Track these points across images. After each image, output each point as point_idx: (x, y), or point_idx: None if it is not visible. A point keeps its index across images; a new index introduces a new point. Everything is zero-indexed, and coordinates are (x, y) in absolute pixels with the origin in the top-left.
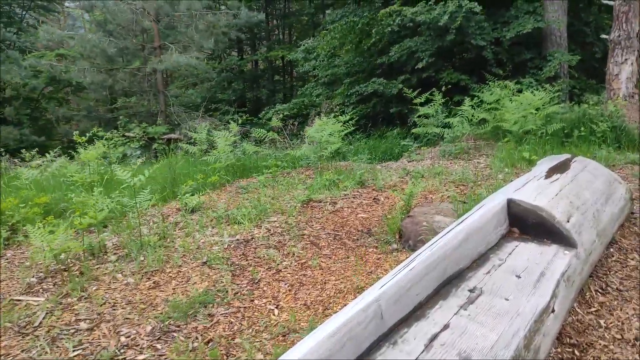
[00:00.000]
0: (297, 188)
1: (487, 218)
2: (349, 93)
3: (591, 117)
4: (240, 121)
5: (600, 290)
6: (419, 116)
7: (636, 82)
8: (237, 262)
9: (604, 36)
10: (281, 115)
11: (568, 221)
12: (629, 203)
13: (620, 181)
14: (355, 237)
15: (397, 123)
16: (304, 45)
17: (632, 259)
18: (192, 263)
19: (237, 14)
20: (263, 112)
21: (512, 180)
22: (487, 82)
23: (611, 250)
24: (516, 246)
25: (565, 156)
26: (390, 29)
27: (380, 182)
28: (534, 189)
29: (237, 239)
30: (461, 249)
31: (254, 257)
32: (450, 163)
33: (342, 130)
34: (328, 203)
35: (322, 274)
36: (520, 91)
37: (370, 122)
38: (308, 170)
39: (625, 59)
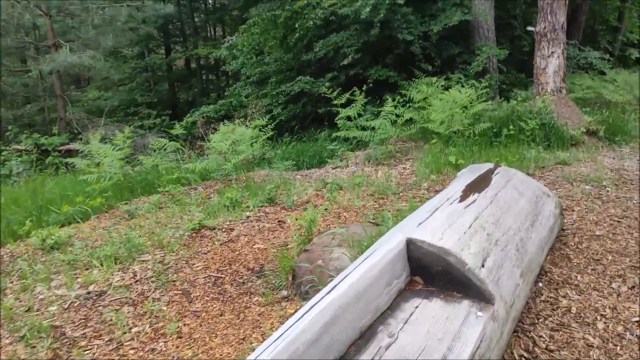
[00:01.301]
0: (192, 211)
1: (373, 276)
2: (275, 93)
3: (520, 114)
4: (155, 126)
5: (525, 355)
6: (341, 118)
7: (564, 76)
8: (69, 334)
9: (530, 28)
10: (205, 119)
11: (483, 265)
12: (558, 219)
13: (549, 194)
14: (241, 280)
15: (326, 124)
16: (228, 41)
17: (564, 296)
18: (5, 339)
19: (141, 7)
20: (188, 114)
21: (429, 199)
22: (416, 78)
23: (540, 285)
24: (416, 307)
25: (487, 166)
26: (312, 23)
27: (293, 198)
28: (443, 219)
29: (88, 292)
30: (325, 339)
31: (97, 322)
32: (375, 170)
33: (256, 137)
34: (223, 230)
35: (177, 347)
36: (448, 88)
37: (299, 123)
38: (218, 184)
39: (552, 52)
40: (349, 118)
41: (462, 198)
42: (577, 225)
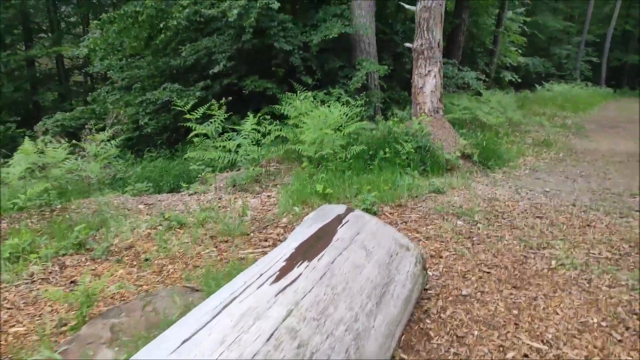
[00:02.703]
0: None
1: None
2: (139, 101)
3: (396, 135)
4: None
5: None
6: (197, 135)
7: (440, 96)
8: None
9: (407, 45)
10: (59, 128)
11: None
12: (420, 279)
13: (408, 246)
14: None
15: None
16: (89, 38)
17: None
18: None
19: None
20: (41, 122)
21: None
22: (295, 91)
23: None
24: None
25: (337, 211)
26: (177, 23)
27: (109, 242)
28: (230, 327)
29: None
30: None
31: None
32: (235, 198)
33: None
34: None
35: None
36: (326, 103)
37: (171, 136)
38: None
39: (429, 71)
40: (206, 135)
41: (281, 274)
42: (442, 280)
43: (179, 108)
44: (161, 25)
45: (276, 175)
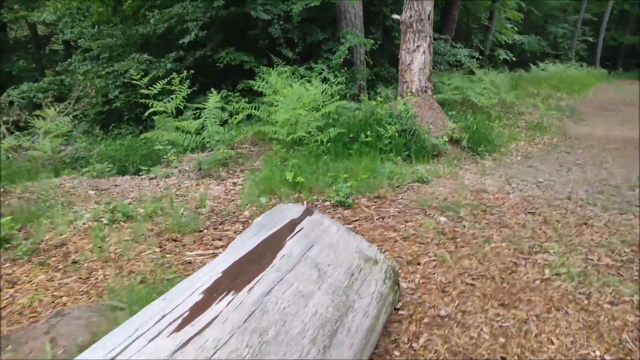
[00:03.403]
0: None
1: None
2: (105, 72)
3: (379, 117)
4: None
5: None
6: (158, 114)
7: (429, 74)
8: None
9: (395, 17)
10: (25, 100)
11: None
12: (390, 296)
13: (376, 259)
14: None
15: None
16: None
17: None
18: None
19: None
20: (5, 93)
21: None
22: (275, 66)
23: None
24: None
25: (290, 214)
26: None
27: (41, 236)
28: None
29: None
30: None
31: None
32: (197, 184)
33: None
34: None
35: None
36: (303, 78)
37: (143, 111)
38: None
39: (418, 46)
40: (171, 114)
41: (190, 315)
42: (418, 296)
43: (135, 81)
44: None
45: (246, 160)
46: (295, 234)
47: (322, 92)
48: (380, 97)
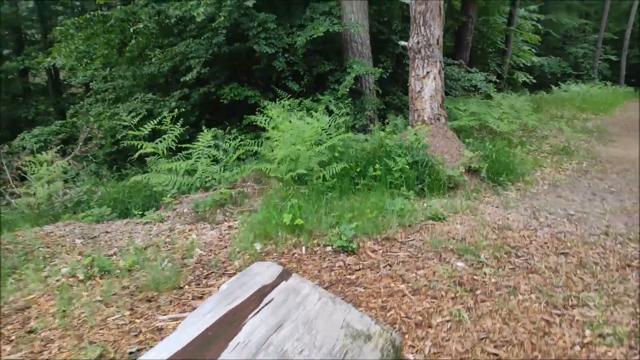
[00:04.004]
0: None
1: None
2: (111, 114)
3: (388, 149)
4: None
5: None
6: (150, 155)
7: (442, 101)
8: None
9: (402, 43)
10: (38, 144)
11: None
12: None
13: (369, 333)
14: None
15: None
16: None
17: None
18: None
19: None
20: (19, 137)
21: None
22: (279, 99)
23: None
24: None
25: (261, 280)
26: (142, 26)
27: (6, 297)
28: None
29: None
30: None
31: None
32: (192, 229)
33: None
34: None
35: None
36: (310, 111)
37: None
38: None
39: (427, 72)
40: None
41: None
42: None
43: (124, 123)
44: (132, 29)
45: (246, 200)
46: (262, 308)
47: (328, 125)
48: (390, 127)
